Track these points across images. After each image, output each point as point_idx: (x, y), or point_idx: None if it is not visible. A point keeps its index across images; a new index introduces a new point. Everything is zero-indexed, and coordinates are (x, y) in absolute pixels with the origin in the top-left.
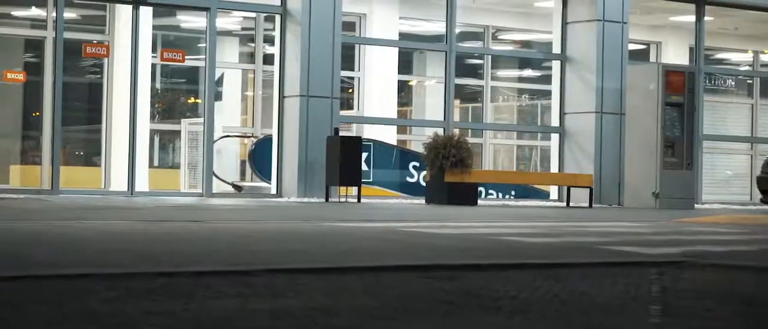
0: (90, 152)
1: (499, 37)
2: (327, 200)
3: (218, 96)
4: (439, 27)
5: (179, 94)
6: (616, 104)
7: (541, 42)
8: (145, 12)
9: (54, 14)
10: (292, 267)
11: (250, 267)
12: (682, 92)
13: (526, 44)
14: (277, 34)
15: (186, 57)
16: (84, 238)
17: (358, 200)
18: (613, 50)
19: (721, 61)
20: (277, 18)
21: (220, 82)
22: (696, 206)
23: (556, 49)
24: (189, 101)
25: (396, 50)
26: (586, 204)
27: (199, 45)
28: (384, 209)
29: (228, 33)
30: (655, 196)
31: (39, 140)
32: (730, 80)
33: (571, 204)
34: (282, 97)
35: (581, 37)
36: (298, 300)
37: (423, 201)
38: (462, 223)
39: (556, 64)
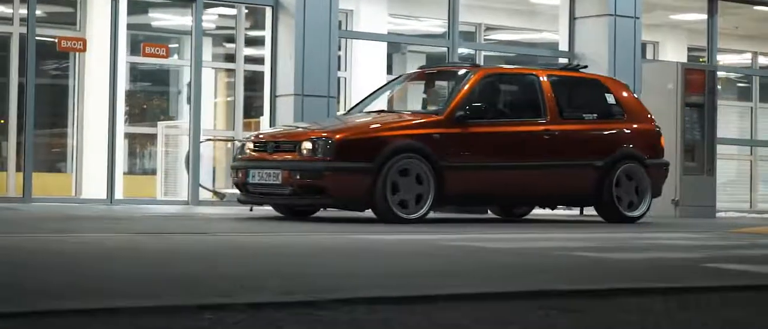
0: (55, 158)
1: (491, 36)
2: None
3: (189, 98)
4: (427, 26)
5: (152, 95)
6: None
7: (542, 42)
8: (122, 8)
9: (21, 11)
10: (369, 296)
11: (316, 296)
12: (702, 93)
13: (524, 43)
14: (267, 29)
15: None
16: (82, 256)
17: None
18: (625, 47)
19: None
20: (268, 12)
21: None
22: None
23: (563, 46)
24: (161, 104)
25: (384, 50)
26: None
27: (171, 45)
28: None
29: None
30: (674, 204)
31: (1, 145)
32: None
33: (584, 212)
34: (274, 96)
35: (590, 34)
36: None
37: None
38: (497, 234)
39: (563, 63)
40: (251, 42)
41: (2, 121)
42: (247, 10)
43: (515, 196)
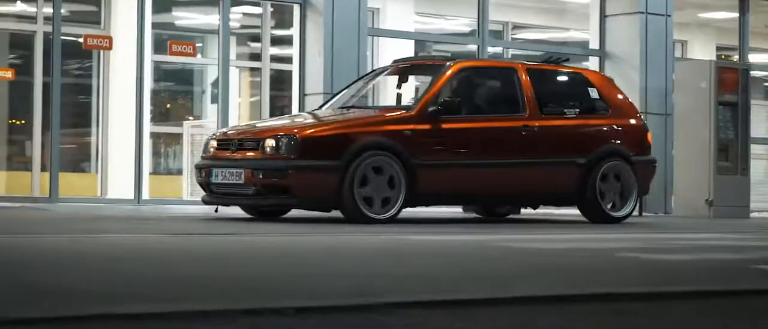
0: (80, 158)
1: (519, 35)
2: None
3: (214, 98)
4: (453, 24)
5: (177, 94)
6: (662, 103)
7: (571, 41)
8: (147, 6)
9: (44, 9)
10: (418, 300)
11: (367, 300)
12: (735, 91)
13: (552, 42)
14: (295, 27)
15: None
16: (115, 257)
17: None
18: (657, 46)
19: None
20: (296, 10)
21: (215, 83)
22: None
23: (594, 44)
24: (185, 103)
25: (411, 49)
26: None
27: (196, 44)
28: (423, 217)
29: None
30: (708, 204)
31: (24, 145)
32: None
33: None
34: (302, 95)
35: (622, 32)
36: None
37: (459, 209)
38: (534, 235)
39: (593, 61)
40: (276, 41)
41: (23, 121)
42: (272, 9)
43: (492, 195)
